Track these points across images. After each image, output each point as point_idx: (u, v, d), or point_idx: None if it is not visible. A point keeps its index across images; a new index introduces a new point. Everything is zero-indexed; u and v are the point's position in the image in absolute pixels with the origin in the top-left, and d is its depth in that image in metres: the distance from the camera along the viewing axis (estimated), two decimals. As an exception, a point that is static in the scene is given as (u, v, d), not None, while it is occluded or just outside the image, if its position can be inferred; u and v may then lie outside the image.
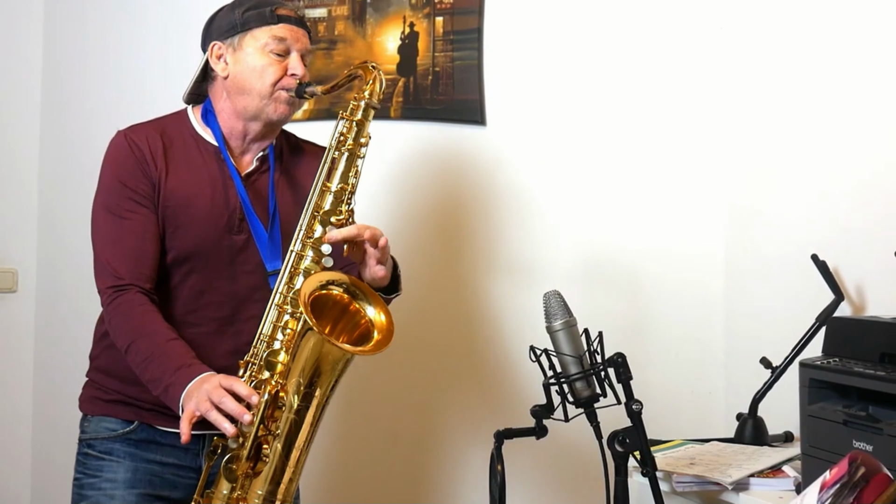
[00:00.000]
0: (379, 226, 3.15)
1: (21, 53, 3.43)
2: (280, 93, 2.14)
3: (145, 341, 2.02)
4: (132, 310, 2.05)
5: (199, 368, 1.97)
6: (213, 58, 2.18)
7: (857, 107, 2.50)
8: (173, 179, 2.12)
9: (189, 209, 2.11)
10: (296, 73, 2.13)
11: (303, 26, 2.19)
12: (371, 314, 2.02)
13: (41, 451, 3.38)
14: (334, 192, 2.06)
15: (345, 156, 2.09)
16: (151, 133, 2.15)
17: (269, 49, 2.12)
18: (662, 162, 3.10)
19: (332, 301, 2.02)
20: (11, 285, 3.30)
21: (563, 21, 3.12)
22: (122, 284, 2.06)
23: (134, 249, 2.08)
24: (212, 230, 2.12)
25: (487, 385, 3.15)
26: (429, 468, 3.22)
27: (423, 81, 3.14)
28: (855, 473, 1.54)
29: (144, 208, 2.09)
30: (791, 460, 2.21)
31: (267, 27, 2.13)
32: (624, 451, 1.79)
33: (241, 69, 2.14)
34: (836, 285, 2.42)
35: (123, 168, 2.11)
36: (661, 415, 2.44)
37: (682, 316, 3.05)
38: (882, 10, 2.44)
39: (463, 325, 3.18)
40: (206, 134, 2.19)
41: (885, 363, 1.83)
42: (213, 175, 2.15)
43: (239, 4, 2.18)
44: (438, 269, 3.18)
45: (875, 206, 2.42)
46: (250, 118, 2.17)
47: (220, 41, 2.17)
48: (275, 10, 2.14)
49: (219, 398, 1.87)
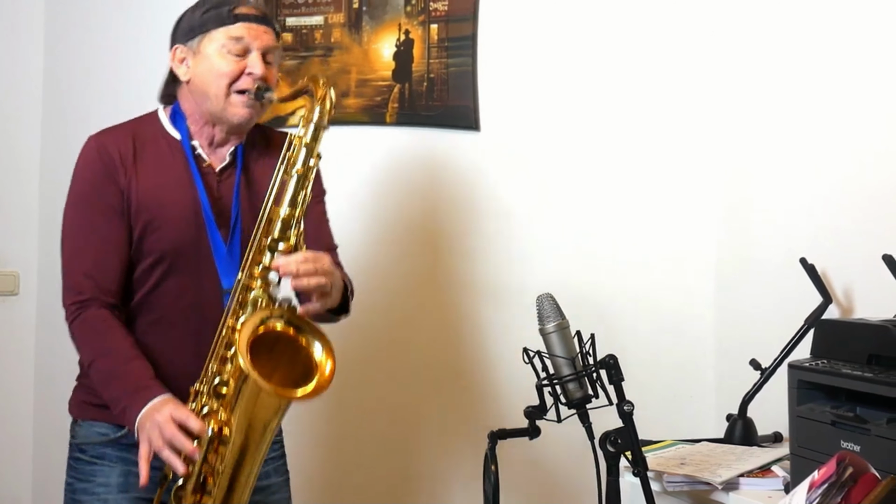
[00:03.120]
0: (374, 230, 3.18)
1: (22, 56, 3.42)
2: (234, 95, 2.07)
3: (106, 360, 2.01)
4: (93, 327, 2.03)
5: (155, 391, 1.94)
6: (176, 62, 2.13)
7: (846, 112, 2.52)
8: (144, 182, 2.07)
9: (162, 209, 2.06)
10: (253, 73, 2.06)
11: (265, 23, 2.10)
12: (317, 353, 1.95)
13: (42, 452, 3.36)
14: (283, 218, 1.98)
15: (293, 179, 1.99)
16: (122, 136, 2.11)
17: (227, 50, 2.05)
18: (654, 166, 3.11)
19: (274, 336, 1.95)
20: (13, 288, 3.28)
21: (557, 28, 3.14)
22: (84, 300, 2.04)
23: (97, 262, 2.04)
24: (188, 227, 2.07)
25: (481, 386, 3.16)
26: (423, 468, 3.23)
27: (419, 87, 3.15)
28: (843, 473, 1.55)
29: (110, 219, 2.05)
30: (780, 460, 2.22)
31: (224, 28, 2.06)
32: (615, 452, 1.80)
33: (200, 72, 2.09)
34: (824, 288, 2.44)
35: (90, 178, 2.09)
36: (652, 415, 2.45)
37: (673, 318, 3.07)
38: (872, 15, 2.45)
39: (456, 327, 3.20)
40: (175, 133, 2.15)
41: (872, 365, 1.84)
42: (183, 173, 2.10)
43: (200, 5, 2.12)
44: (432, 272, 3.20)
45: (862, 210, 2.43)
46: (215, 121, 2.11)
47: (182, 44, 2.12)
48: (232, 10, 2.06)
49: (170, 434, 1.85)
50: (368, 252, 3.19)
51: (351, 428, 3.20)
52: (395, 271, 3.22)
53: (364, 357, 3.19)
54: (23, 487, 3.38)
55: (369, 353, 3.20)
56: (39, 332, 3.38)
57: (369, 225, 3.21)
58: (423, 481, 3.23)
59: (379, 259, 3.21)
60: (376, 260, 3.20)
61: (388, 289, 3.20)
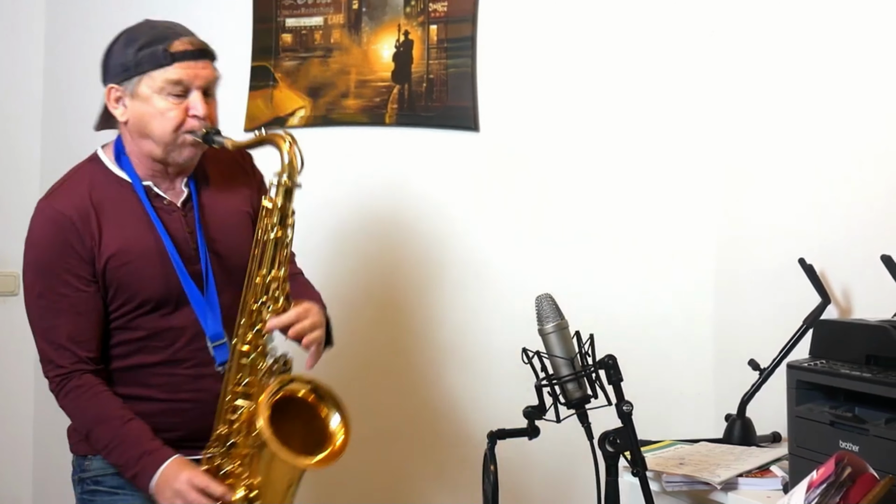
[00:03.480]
0: (373, 231, 3.18)
1: (22, 56, 3.42)
2: (185, 136, 2.01)
3: (102, 428, 2.01)
4: (80, 398, 2.02)
5: (162, 454, 1.97)
6: (112, 101, 2.05)
7: (845, 113, 2.52)
8: (110, 239, 2.02)
9: (138, 260, 2.04)
10: (196, 114, 2.00)
11: (203, 57, 2.03)
12: (333, 424, 2.06)
13: (42, 453, 3.37)
14: (268, 282, 1.99)
15: (272, 243, 1.99)
16: (75, 198, 2.04)
17: (167, 93, 1.98)
18: (653, 166, 3.11)
19: (291, 399, 2.02)
20: (13, 289, 3.27)
21: (556, 29, 3.14)
22: (64, 373, 2.02)
23: (71, 333, 2.02)
24: (159, 275, 2.05)
25: (480, 386, 3.16)
26: (422, 468, 3.24)
27: (418, 88, 3.16)
28: (841, 473, 1.56)
29: (77, 288, 2.02)
30: (779, 460, 2.23)
31: (161, 69, 1.98)
32: (615, 452, 1.80)
33: (140, 114, 2.02)
34: (822, 289, 2.44)
35: (49, 247, 2.03)
36: (651, 416, 2.45)
37: (671, 319, 3.07)
38: (870, 17, 2.45)
39: (455, 327, 3.20)
40: (123, 175, 2.09)
41: (870, 365, 1.84)
42: (143, 218, 2.07)
43: (132, 41, 2.02)
44: (432, 271, 3.20)
45: (861, 211, 2.44)
46: (160, 161, 2.06)
47: (116, 84, 2.03)
48: (168, 49, 1.98)
49: (196, 501, 1.91)
50: (368, 252, 3.19)
51: (351, 426, 3.20)
52: (395, 271, 3.22)
53: (362, 357, 3.20)
54: (23, 487, 3.38)
55: (368, 352, 3.21)
56: (39, 333, 3.36)
57: (368, 225, 3.22)
58: (423, 481, 3.24)
59: (378, 259, 3.21)
60: (376, 260, 3.21)
61: (386, 288, 3.20)
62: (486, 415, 3.06)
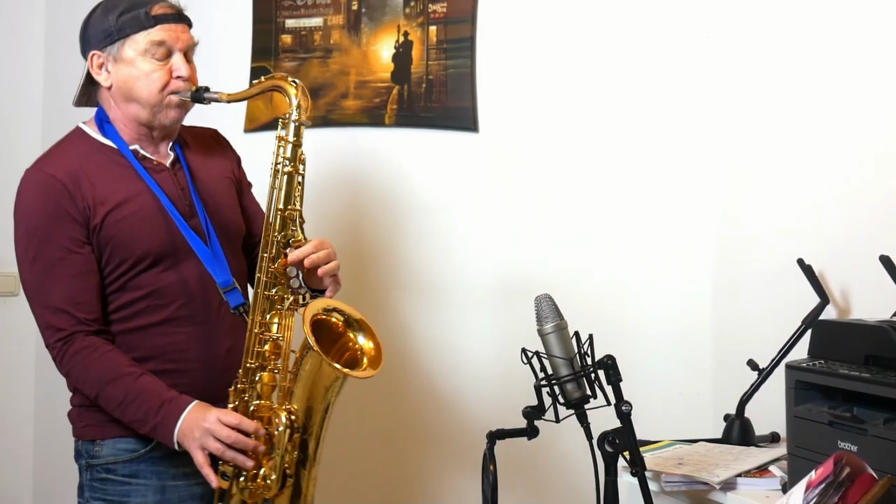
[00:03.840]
0: (374, 231, 3.19)
1: (23, 57, 3.43)
2: (170, 97, 2.07)
3: (113, 387, 1.99)
4: (86, 359, 2.01)
5: (182, 401, 1.97)
6: (95, 68, 2.10)
7: (844, 114, 2.52)
8: (104, 198, 2.04)
9: (135, 215, 2.06)
10: (181, 75, 2.06)
11: (182, 21, 2.10)
12: (361, 342, 2.06)
13: (42, 453, 3.37)
14: (284, 216, 2.04)
15: (285, 178, 2.04)
16: (65, 162, 2.07)
17: (151, 55, 2.04)
18: (652, 167, 3.11)
19: (327, 326, 2.05)
20: (13, 289, 3.28)
21: (555, 30, 3.14)
22: (65, 336, 2.01)
23: (70, 295, 2.01)
24: (158, 229, 2.07)
25: (480, 386, 3.17)
26: (421, 468, 3.24)
27: (417, 89, 3.16)
28: (840, 473, 1.56)
29: (71, 250, 2.02)
30: (777, 460, 2.23)
31: (144, 32, 2.03)
32: (614, 452, 1.80)
33: (124, 78, 2.06)
34: (821, 289, 2.45)
35: (41, 214, 2.02)
36: (650, 416, 2.45)
37: (670, 319, 3.07)
38: (867, 19, 2.46)
39: (455, 327, 3.21)
40: (109, 143, 2.13)
41: (869, 365, 1.84)
42: (135, 179, 2.09)
43: (112, 7, 2.07)
44: (433, 272, 3.21)
45: (860, 211, 2.44)
46: (146, 124, 2.10)
47: (99, 50, 2.08)
48: (149, 12, 2.04)
49: (231, 437, 1.91)
50: (367, 253, 3.19)
51: (347, 429, 3.20)
52: (394, 272, 3.23)
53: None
54: (23, 488, 3.38)
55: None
56: (39, 333, 3.36)
57: (368, 226, 3.22)
58: (421, 481, 3.24)
59: (377, 260, 3.22)
60: (375, 261, 3.21)
61: (385, 289, 3.21)
62: (485, 415, 3.07)
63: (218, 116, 2.42)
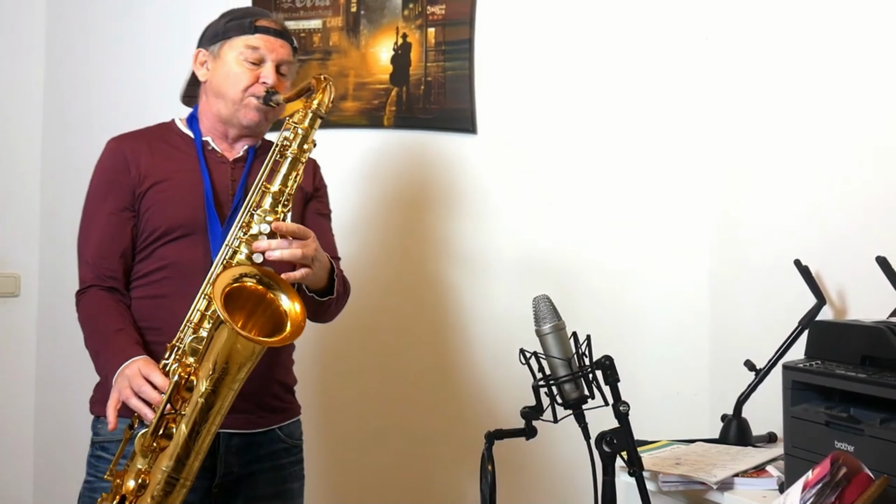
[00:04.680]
0: (371, 232, 3.19)
1: (23, 60, 3.43)
2: (250, 99, 2.21)
3: (96, 336, 2.14)
4: (89, 309, 2.18)
5: (131, 353, 2.04)
6: (197, 64, 2.29)
7: (839, 116, 2.53)
8: (154, 172, 2.20)
9: (167, 191, 2.19)
10: (265, 82, 2.20)
11: (282, 37, 2.25)
12: (286, 304, 2.04)
13: (43, 454, 3.36)
14: (272, 194, 2.09)
15: (288, 160, 2.11)
16: (136, 138, 2.26)
17: (244, 58, 2.20)
18: (649, 169, 3.13)
19: (248, 292, 2.04)
20: (14, 290, 3.29)
21: (553, 32, 3.15)
22: (84, 288, 2.20)
23: (98, 250, 2.19)
24: (190, 207, 2.18)
25: (478, 387, 3.17)
26: (420, 468, 3.24)
27: (416, 91, 3.17)
28: (837, 473, 1.56)
29: (113, 212, 2.19)
30: (774, 460, 2.24)
31: (244, 37, 2.21)
32: (611, 452, 1.80)
33: (218, 75, 2.24)
34: (818, 290, 2.46)
35: (102, 176, 2.24)
36: (648, 416, 2.46)
37: (668, 320, 3.09)
38: (863, 20, 2.47)
39: (453, 329, 3.21)
40: (189, 133, 2.29)
41: (865, 365, 1.85)
42: (192, 162, 2.23)
43: (227, 14, 2.28)
44: (430, 273, 3.21)
45: (856, 213, 2.45)
46: (225, 121, 2.25)
47: (205, 48, 2.27)
48: (254, 22, 2.22)
49: (138, 386, 1.96)
50: (366, 255, 3.20)
51: (346, 429, 3.21)
52: (392, 274, 3.23)
53: (360, 359, 3.21)
54: (24, 489, 3.38)
55: (365, 354, 3.22)
56: (40, 334, 3.39)
57: (366, 227, 3.22)
58: (420, 481, 3.25)
59: (375, 261, 3.22)
60: (373, 262, 3.21)
61: (384, 291, 3.21)
62: (483, 415, 3.07)
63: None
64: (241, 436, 2.17)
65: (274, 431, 2.25)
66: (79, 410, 2.22)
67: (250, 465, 2.20)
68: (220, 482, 2.15)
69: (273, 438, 2.25)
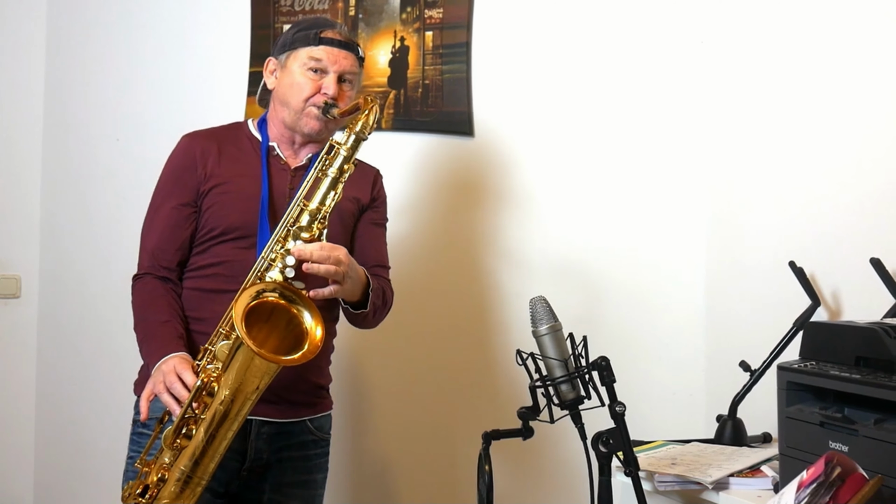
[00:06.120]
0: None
1: (24, 64, 3.43)
2: (310, 109, 2.28)
3: (142, 325, 2.22)
4: (140, 297, 2.26)
5: (172, 349, 2.11)
6: (267, 72, 2.37)
7: (834, 119, 2.54)
8: (220, 171, 2.28)
9: (229, 193, 2.27)
10: (327, 92, 2.27)
11: (346, 48, 2.32)
12: (308, 322, 2.08)
13: (43, 455, 3.35)
14: (310, 211, 2.13)
15: (328, 179, 2.15)
16: (207, 137, 2.35)
17: (308, 67, 2.28)
18: (645, 171, 3.14)
19: (271, 305, 2.08)
20: (14, 291, 3.29)
21: (550, 35, 3.16)
22: (140, 274, 2.28)
23: (158, 240, 2.28)
24: (246, 211, 2.25)
25: (475, 387, 3.18)
26: (417, 468, 3.25)
27: (414, 94, 3.18)
28: (831, 473, 1.57)
29: (177, 207, 2.28)
30: (769, 460, 2.24)
31: (308, 48, 2.29)
32: (608, 452, 1.81)
33: (283, 84, 2.32)
34: (812, 291, 2.47)
35: (171, 171, 2.33)
36: (644, 416, 2.47)
37: (664, 321, 3.09)
38: (858, 24, 2.48)
39: (451, 331, 3.22)
40: (258, 135, 2.37)
41: (860, 366, 1.85)
42: (257, 166, 2.30)
43: (296, 25, 2.38)
44: (427, 276, 3.21)
45: (851, 215, 2.46)
46: (289, 128, 2.33)
47: (274, 57, 2.36)
48: (319, 33, 2.30)
49: (171, 383, 2.02)
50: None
51: (346, 429, 3.21)
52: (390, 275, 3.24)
53: (359, 359, 3.21)
54: (24, 489, 3.38)
55: (364, 355, 3.22)
56: (41, 335, 3.39)
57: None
58: (418, 481, 3.25)
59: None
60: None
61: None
62: (481, 415, 3.08)
63: (221, 118, 2.49)
64: (272, 424, 2.24)
65: (304, 423, 2.32)
66: (79, 410, 2.23)
67: (279, 453, 2.27)
68: (250, 466, 2.23)
69: (303, 429, 2.31)
